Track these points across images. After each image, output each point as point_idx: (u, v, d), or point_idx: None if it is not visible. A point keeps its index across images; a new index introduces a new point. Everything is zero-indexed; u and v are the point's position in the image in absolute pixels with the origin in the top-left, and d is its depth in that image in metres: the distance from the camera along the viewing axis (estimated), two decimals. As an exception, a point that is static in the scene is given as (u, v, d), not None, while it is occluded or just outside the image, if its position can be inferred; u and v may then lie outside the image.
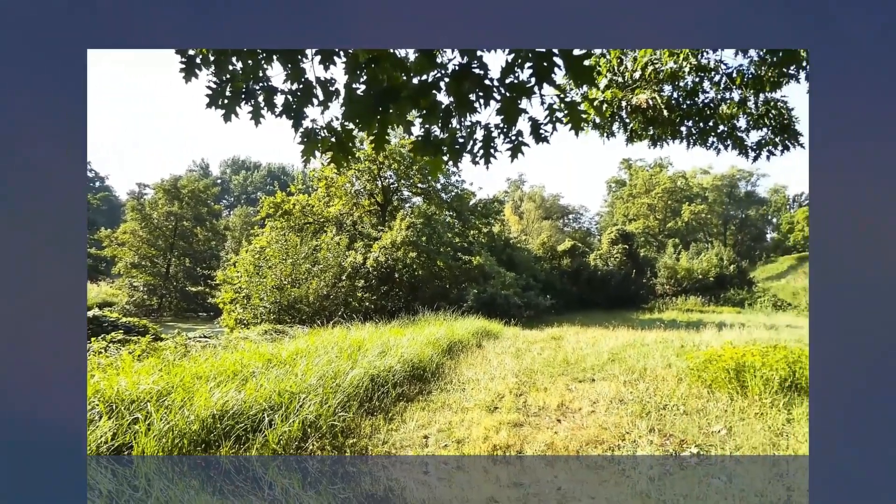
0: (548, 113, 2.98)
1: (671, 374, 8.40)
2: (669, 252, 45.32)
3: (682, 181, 74.42)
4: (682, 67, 5.88)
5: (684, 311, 32.13)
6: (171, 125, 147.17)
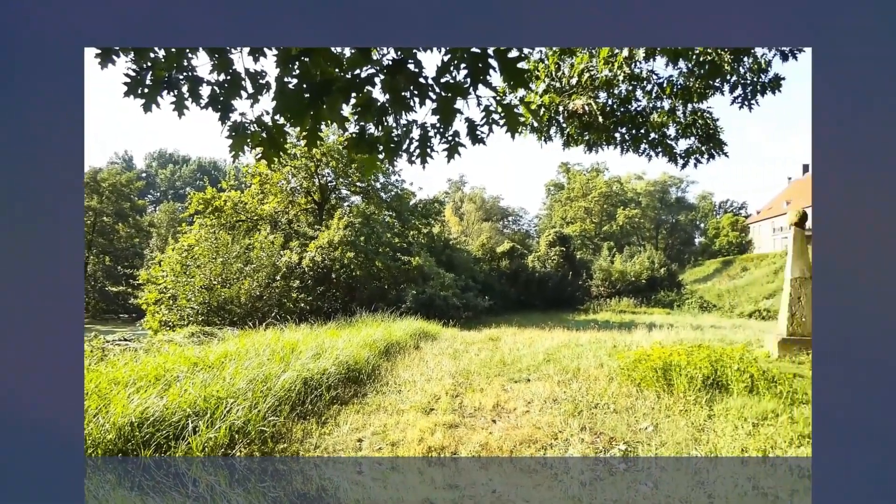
0: (484, 114, 3.04)
1: (603, 374, 8.71)
2: (604, 255, 46.99)
3: (617, 186, 77.48)
4: (616, 76, 6.12)
5: (617, 312, 33.43)
6: (93, 114, 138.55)
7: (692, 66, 6.82)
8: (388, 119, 2.91)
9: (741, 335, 15.58)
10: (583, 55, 6.41)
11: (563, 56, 6.74)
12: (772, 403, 6.86)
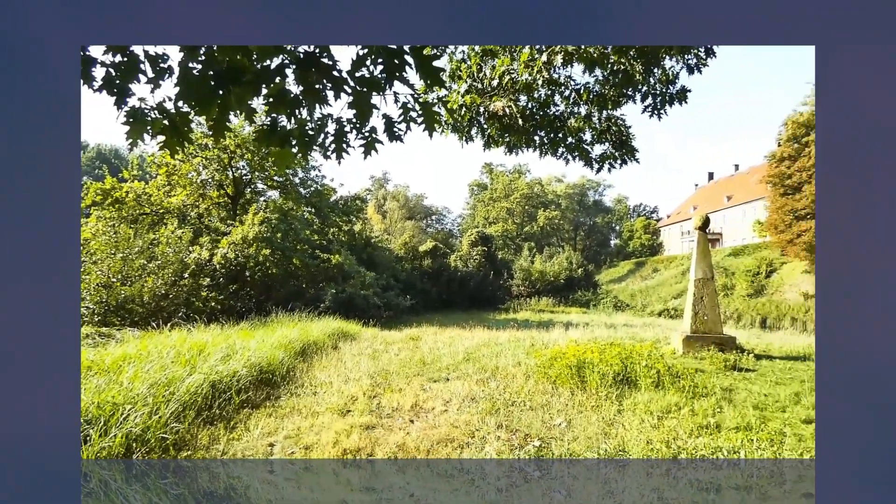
0: (402, 112, 3.04)
1: (521, 372, 8.97)
2: (525, 255, 48.38)
3: (538, 188, 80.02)
4: (535, 80, 6.32)
5: (537, 311, 34.53)
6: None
7: (607, 74, 7.17)
8: (301, 112, 2.84)
9: (650, 333, 16.53)
10: (504, 58, 6.56)
11: (486, 58, 6.87)
12: (675, 397, 7.34)
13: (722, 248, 58.17)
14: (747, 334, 18.84)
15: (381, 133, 3.04)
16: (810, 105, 38.38)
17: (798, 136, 36.69)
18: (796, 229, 35.19)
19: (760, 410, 7.03)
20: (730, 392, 7.88)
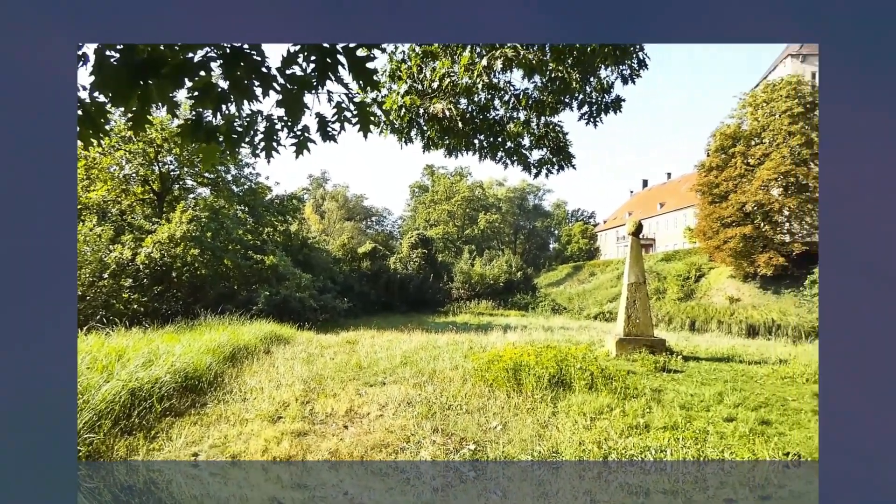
0: (336, 111, 3.01)
1: (458, 375, 9.04)
2: (465, 258, 48.79)
3: (479, 191, 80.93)
4: (475, 83, 6.40)
5: (476, 314, 34.87)
6: None
7: (545, 81, 7.35)
8: (229, 107, 2.76)
9: (586, 336, 17.06)
10: (445, 60, 6.61)
11: (426, 59, 6.90)
12: (608, 399, 7.61)
13: (655, 253, 60.78)
14: (677, 337, 19.77)
15: (314, 132, 3.00)
16: (737, 118, 40.76)
17: (725, 147, 38.84)
18: (723, 236, 37.20)
19: (686, 410, 7.39)
20: (659, 393, 8.24)
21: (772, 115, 37.64)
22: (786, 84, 38.31)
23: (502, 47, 6.26)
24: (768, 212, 36.44)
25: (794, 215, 37.20)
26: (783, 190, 36.63)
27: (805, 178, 36.04)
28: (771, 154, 36.29)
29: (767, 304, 35.21)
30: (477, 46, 6.36)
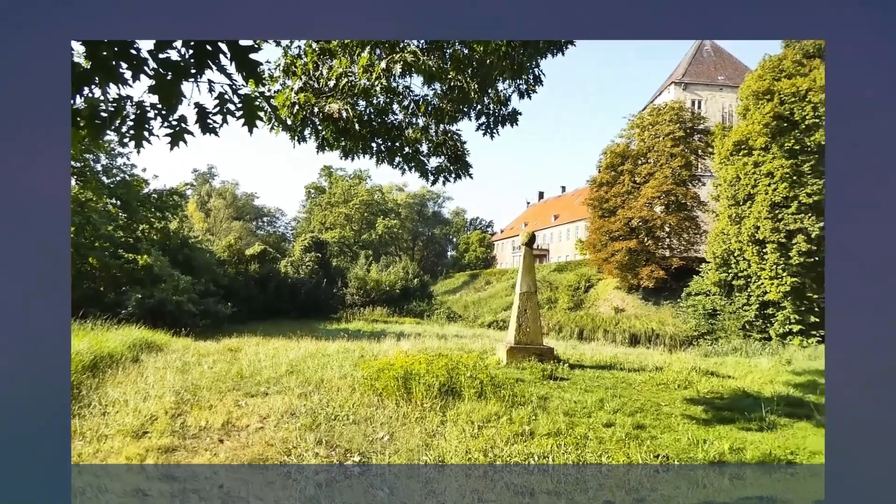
0: (218, 103, 2.88)
1: (346, 384, 8.92)
2: (361, 263, 48.33)
3: (379, 195, 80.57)
4: (374, 86, 6.39)
5: (370, 321, 34.60)
6: None
7: (445, 89, 7.51)
8: (92, 89, 2.55)
9: (479, 344, 17.49)
10: (343, 59, 6.55)
11: (324, 57, 6.80)
12: (496, 406, 7.85)
13: (549, 263, 63.72)
14: (565, 345, 20.82)
15: (192, 123, 2.85)
16: (626, 138, 43.87)
17: (615, 165, 41.63)
18: (610, 249, 39.77)
19: (570, 416, 7.80)
20: (545, 400, 8.63)
21: (656, 137, 40.92)
22: (669, 109, 41.84)
23: (402, 51, 6.31)
24: (651, 227, 39.48)
25: (674, 232, 40.61)
26: (665, 207, 39.87)
27: (684, 198, 39.51)
28: (655, 173, 39.38)
29: (648, 315, 38.05)
30: (377, 48, 6.37)
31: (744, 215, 31.17)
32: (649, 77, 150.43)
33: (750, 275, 31.11)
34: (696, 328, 33.75)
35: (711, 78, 54.54)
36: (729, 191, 32.40)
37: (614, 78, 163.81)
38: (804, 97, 29.67)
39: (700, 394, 9.91)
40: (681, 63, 57.97)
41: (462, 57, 6.90)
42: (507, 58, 6.72)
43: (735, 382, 11.27)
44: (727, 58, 57.46)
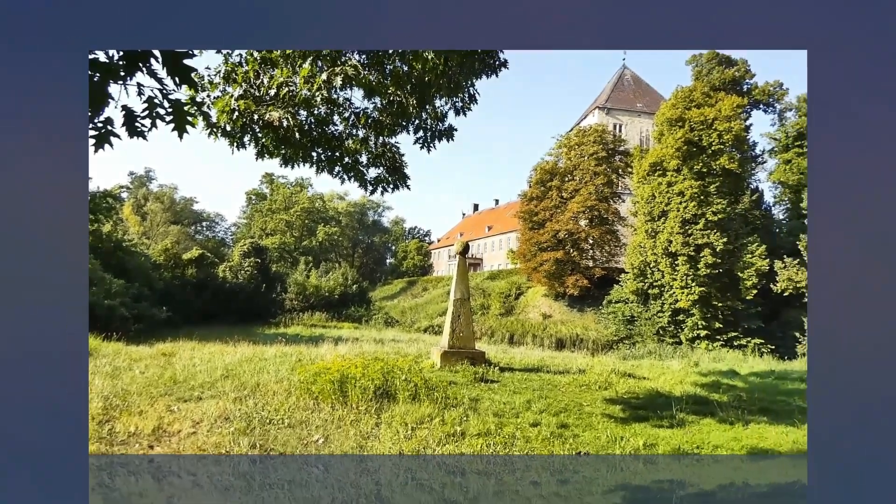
0: (147, 106, 2.73)
1: (283, 388, 8.65)
2: (301, 269, 47.22)
3: (320, 203, 79.15)
4: (315, 96, 6.27)
5: (309, 326, 33.82)
6: None
7: (385, 103, 7.47)
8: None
9: (414, 348, 17.39)
10: (285, 69, 6.40)
11: (265, 66, 6.62)
12: (429, 408, 7.82)
13: (482, 271, 64.51)
14: (496, 349, 21.05)
15: (118, 126, 2.69)
16: (554, 156, 45.21)
17: (544, 181, 42.79)
18: (539, 259, 40.72)
19: (499, 417, 7.87)
20: (476, 402, 8.67)
21: (582, 156, 42.41)
22: (593, 131, 43.52)
23: (343, 64, 6.23)
24: (577, 240, 40.79)
25: (597, 244, 42.13)
26: (589, 221, 41.31)
27: (606, 213, 41.14)
28: (580, 190, 40.75)
29: (573, 321, 39.18)
30: (318, 60, 6.26)
31: (658, 230, 32.75)
32: (576, 101, 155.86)
33: (663, 284, 32.66)
34: (616, 333, 35.04)
35: (631, 104, 57.12)
36: (645, 207, 34.00)
37: (544, 100, 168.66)
38: (711, 125, 31.60)
39: (618, 394, 10.24)
40: (604, 89, 60.41)
41: (402, 73, 6.89)
42: (445, 76, 6.76)
43: (649, 383, 11.72)
44: (645, 87, 60.39)
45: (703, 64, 40.28)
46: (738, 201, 32.21)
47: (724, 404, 9.51)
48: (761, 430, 8.12)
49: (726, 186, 31.91)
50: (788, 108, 41.13)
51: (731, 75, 39.04)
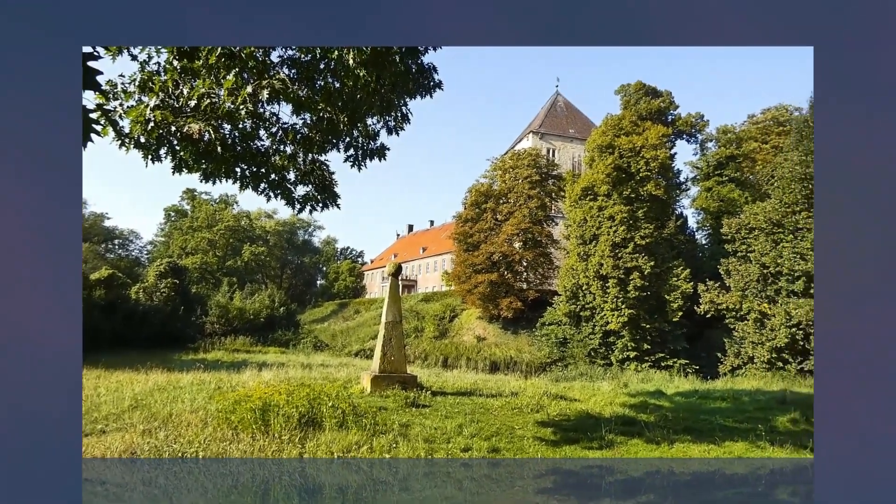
0: (46, 113, 2.59)
1: (198, 418, 8.24)
2: (224, 290, 45.32)
3: (246, 221, 76.63)
4: (238, 109, 6.12)
5: (231, 351, 32.39)
6: None
7: (315, 119, 7.40)
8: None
9: (344, 373, 17.06)
10: (207, 80, 6.22)
11: (186, 76, 6.41)
12: (357, 436, 7.67)
13: (417, 293, 64.37)
14: (429, 373, 20.98)
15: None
16: (489, 178, 46.14)
17: (479, 203, 43.52)
18: (474, 281, 41.16)
19: (430, 443, 7.82)
20: (406, 427, 8.59)
21: (516, 179, 43.55)
22: (527, 155, 44.89)
23: (270, 77, 6.15)
24: (511, 262, 41.58)
25: (531, 266, 43.11)
26: (523, 244, 42.29)
27: (540, 236, 42.29)
28: (515, 212, 41.73)
29: (507, 343, 39.69)
30: (244, 73, 6.13)
31: (590, 253, 33.98)
32: (510, 124, 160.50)
33: (595, 307, 33.81)
34: (549, 355, 35.78)
35: (564, 130, 59.47)
36: (577, 231, 35.26)
37: (479, 122, 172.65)
38: (639, 153, 33.38)
39: (550, 416, 10.45)
40: (538, 114, 62.62)
41: (332, 89, 6.87)
42: (377, 94, 6.80)
43: (580, 405, 12.03)
44: (577, 113, 63.11)
45: (631, 94, 42.72)
46: (664, 226, 34.00)
47: (651, 424, 9.90)
48: (685, 448, 8.49)
49: (653, 212, 33.67)
50: (709, 138, 44.20)
51: (657, 106, 41.58)
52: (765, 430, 9.50)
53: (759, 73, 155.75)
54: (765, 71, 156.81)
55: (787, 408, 12.53)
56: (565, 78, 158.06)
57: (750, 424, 10.41)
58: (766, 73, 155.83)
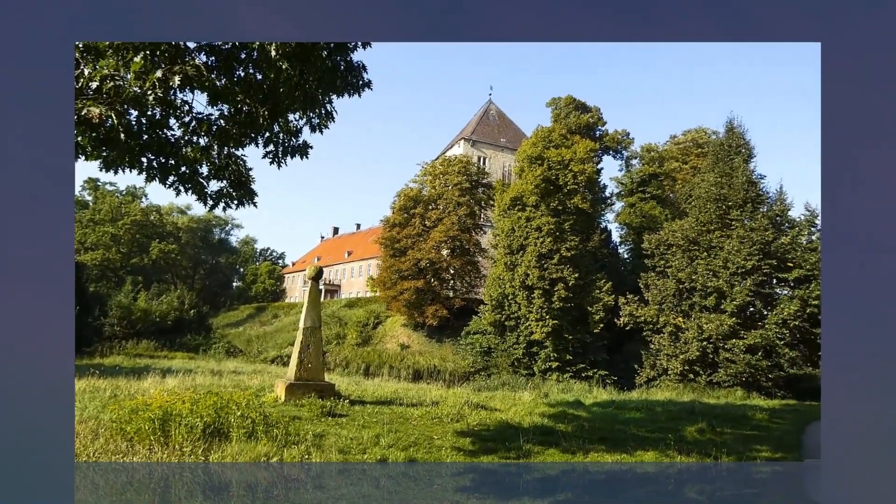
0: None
1: (88, 429, 7.70)
2: (127, 290, 42.74)
3: (156, 216, 72.63)
4: (146, 94, 5.81)
5: (133, 355, 30.54)
6: None
7: (232, 111, 7.14)
8: None
9: (257, 380, 16.51)
10: (111, 60, 5.87)
11: (87, 55, 6.02)
12: (266, 447, 7.44)
13: (340, 298, 63.38)
14: (349, 381, 20.69)
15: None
16: (419, 183, 46.29)
17: (407, 208, 43.55)
18: (400, 287, 41.06)
19: (344, 454, 7.71)
20: (321, 438, 8.42)
21: (446, 185, 43.95)
22: (458, 162, 45.46)
23: (184, 63, 5.88)
24: (438, 269, 41.83)
25: (458, 274, 43.57)
26: (451, 251, 42.66)
27: (468, 244, 42.83)
28: (443, 219, 42.07)
29: (432, 351, 39.84)
30: (154, 56, 5.82)
31: (517, 263, 34.76)
32: (441, 130, 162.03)
33: (520, 316, 34.58)
34: (472, 364, 36.22)
35: (495, 139, 60.66)
36: (505, 240, 36.00)
37: (410, 126, 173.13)
38: (567, 165, 34.59)
39: (470, 426, 10.56)
40: (470, 122, 63.55)
41: (253, 81, 6.67)
42: (300, 89, 6.66)
43: (501, 415, 12.24)
44: (509, 123, 64.58)
45: (561, 107, 44.25)
46: (589, 239, 35.36)
47: (568, 434, 10.22)
48: (599, 458, 8.83)
49: (579, 224, 34.96)
50: (634, 156, 46.51)
51: (586, 121, 43.34)
52: (674, 440, 10.05)
53: (681, 94, 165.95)
54: (686, 93, 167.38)
55: (696, 418, 13.31)
56: (498, 87, 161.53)
57: (661, 434, 10.96)
58: (687, 96, 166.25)
